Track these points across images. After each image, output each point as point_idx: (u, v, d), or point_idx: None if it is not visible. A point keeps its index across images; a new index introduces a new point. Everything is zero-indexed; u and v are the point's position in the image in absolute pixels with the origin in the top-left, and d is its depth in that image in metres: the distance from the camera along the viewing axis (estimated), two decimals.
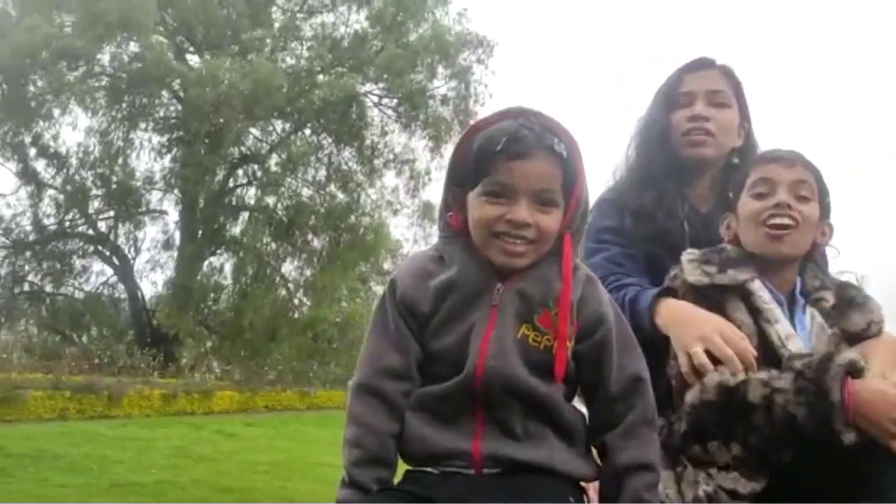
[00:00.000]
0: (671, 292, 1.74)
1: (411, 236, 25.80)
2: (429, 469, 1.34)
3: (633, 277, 1.86)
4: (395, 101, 24.54)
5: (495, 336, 1.33)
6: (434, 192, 25.80)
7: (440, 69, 24.12)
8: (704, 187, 2.04)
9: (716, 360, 1.57)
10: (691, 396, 1.59)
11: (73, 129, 23.19)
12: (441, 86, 24.42)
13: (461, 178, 1.41)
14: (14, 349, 17.63)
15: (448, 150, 24.41)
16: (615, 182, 2.11)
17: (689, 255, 1.74)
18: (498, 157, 1.32)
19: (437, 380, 1.37)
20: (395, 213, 25.09)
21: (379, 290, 24.59)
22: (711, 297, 1.68)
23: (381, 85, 24.45)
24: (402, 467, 1.41)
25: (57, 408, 13.26)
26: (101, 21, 19.62)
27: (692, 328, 1.63)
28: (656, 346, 1.65)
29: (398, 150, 24.83)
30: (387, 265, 26.23)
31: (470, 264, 1.38)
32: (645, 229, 1.94)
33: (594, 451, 1.43)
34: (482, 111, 24.36)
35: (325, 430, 15.64)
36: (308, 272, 23.72)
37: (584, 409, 1.44)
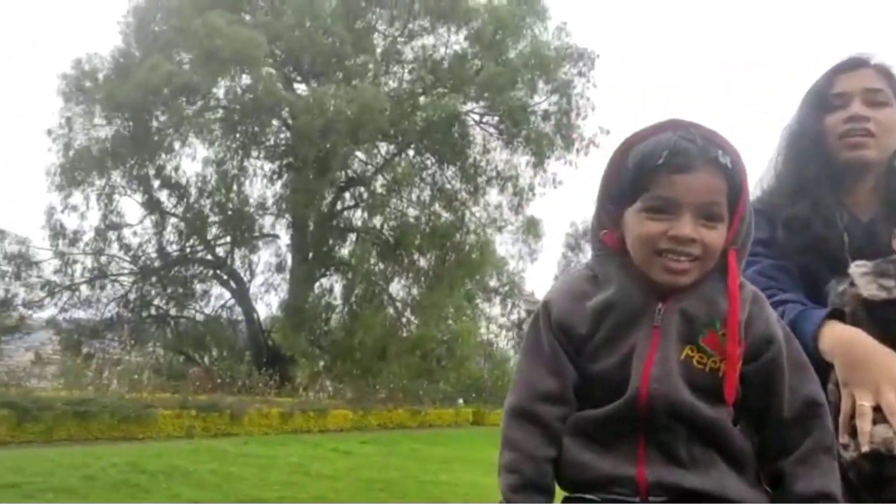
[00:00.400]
0: (838, 314, 1.61)
1: (516, 253, 25.83)
2: (589, 496, 1.29)
3: (788, 292, 1.74)
4: (497, 118, 24.66)
5: (658, 358, 1.27)
6: (537, 207, 25.76)
7: (541, 84, 24.11)
8: (865, 193, 1.88)
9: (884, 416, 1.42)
10: (845, 454, 1.46)
11: (192, 160, 24.60)
12: (542, 101, 24.41)
13: (616, 195, 1.35)
14: (143, 370, 18.52)
15: (551, 165, 24.40)
16: (762, 192, 1.99)
17: (860, 266, 1.59)
18: (659, 172, 1.26)
19: (595, 403, 1.31)
20: (500, 229, 25.17)
21: (485, 307, 24.80)
22: (887, 315, 1.52)
23: (482, 103, 24.65)
24: (559, 493, 1.36)
25: (184, 426, 13.91)
26: (217, 57, 20.63)
27: (865, 372, 1.47)
28: (824, 369, 1.53)
29: (501, 167, 24.99)
30: (493, 282, 26.30)
31: (628, 284, 1.32)
32: (799, 240, 1.81)
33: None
34: (584, 125, 24.23)
35: (437, 448, 15.73)
36: (415, 291, 24.05)
37: None
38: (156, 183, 24.27)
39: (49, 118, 22.98)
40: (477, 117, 24.98)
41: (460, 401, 22.08)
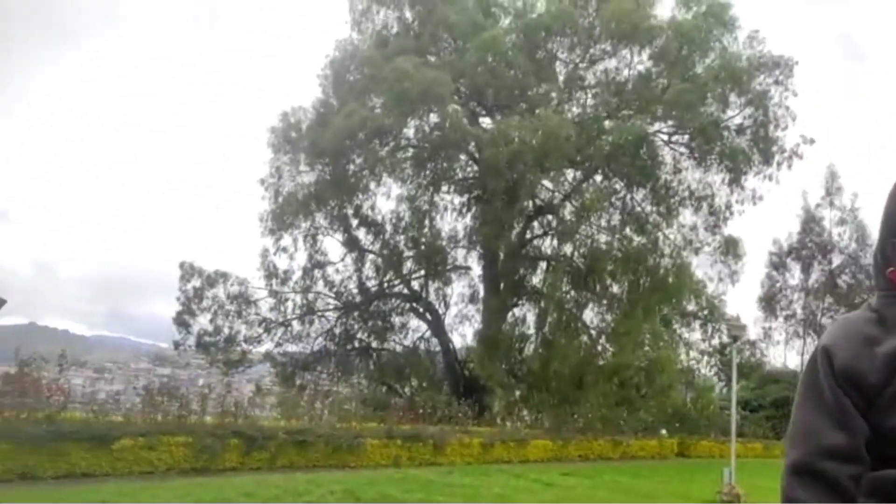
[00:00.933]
0: None
1: (715, 275, 24.64)
2: None
3: None
4: (687, 136, 23.84)
5: None
6: (736, 226, 24.40)
7: (733, 98, 23.06)
8: None
9: None
10: None
11: (386, 199, 25.79)
12: (735, 115, 23.34)
13: None
14: (350, 401, 19.47)
15: (748, 180, 23.14)
16: None
17: None
18: None
19: (894, 463, 1.18)
20: (696, 251, 24.15)
21: (684, 333, 23.66)
22: None
23: (670, 122, 23.93)
24: None
25: (391, 455, 14.46)
26: (406, 98, 21.64)
27: None
28: None
29: (694, 187, 24.06)
30: (691, 307, 25.20)
31: None
32: None
33: None
34: (784, 136, 22.80)
35: (640, 481, 15.19)
36: (609, 318, 23.52)
37: None
38: (354, 222, 25.77)
39: (261, 168, 25.17)
40: (666, 137, 24.30)
41: (663, 431, 21.20)
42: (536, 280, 24.95)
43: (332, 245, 26.24)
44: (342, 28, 26.31)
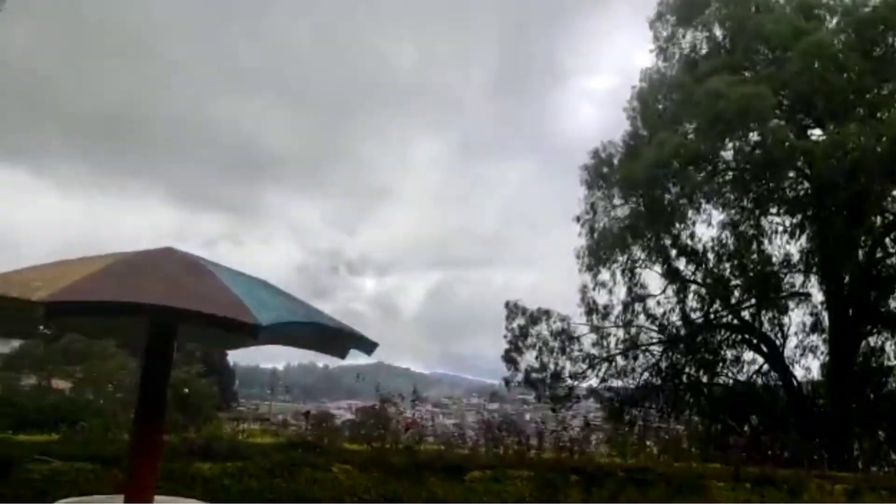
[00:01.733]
0: None
1: None
2: None
3: None
4: None
5: None
6: None
7: None
8: None
9: None
10: None
11: (706, 226, 24.50)
12: None
13: None
14: (682, 438, 18.56)
15: None
16: None
17: None
18: None
19: None
20: None
21: None
22: None
23: None
24: None
25: (739, 499, 13.37)
26: (721, 120, 20.54)
27: None
28: None
29: None
30: None
31: None
32: None
33: None
34: None
35: None
36: None
37: None
38: (673, 252, 24.87)
39: (576, 207, 25.53)
40: None
41: None
42: (895, 304, 21.88)
43: (652, 277, 25.60)
44: (646, 57, 25.86)
